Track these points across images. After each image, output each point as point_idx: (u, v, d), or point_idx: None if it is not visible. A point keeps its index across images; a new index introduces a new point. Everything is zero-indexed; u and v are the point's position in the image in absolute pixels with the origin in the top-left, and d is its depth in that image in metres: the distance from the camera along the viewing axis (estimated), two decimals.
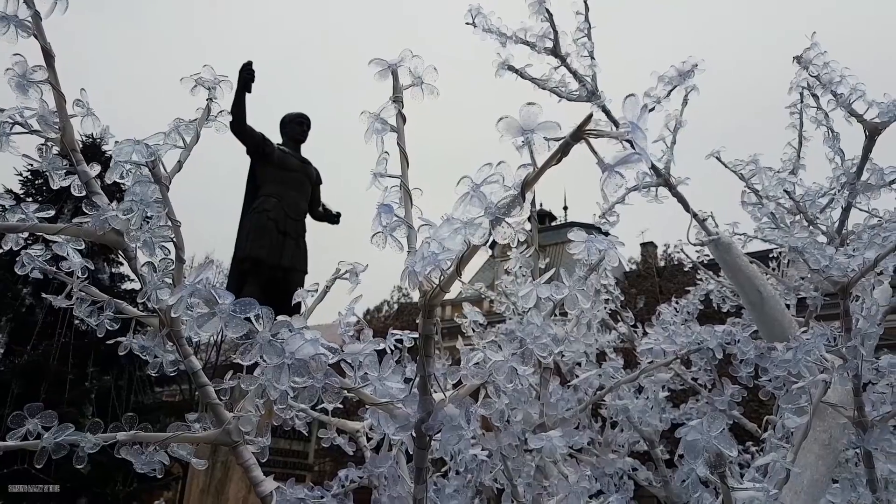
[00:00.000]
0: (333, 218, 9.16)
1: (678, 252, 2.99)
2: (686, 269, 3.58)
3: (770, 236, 2.21)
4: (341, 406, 1.97)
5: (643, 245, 25.31)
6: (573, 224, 33.26)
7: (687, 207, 2.09)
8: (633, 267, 25.26)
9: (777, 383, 1.36)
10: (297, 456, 8.49)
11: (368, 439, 1.70)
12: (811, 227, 1.87)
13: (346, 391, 0.88)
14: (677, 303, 2.62)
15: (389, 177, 0.93)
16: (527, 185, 0.72)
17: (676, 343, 1.34)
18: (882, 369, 1.72)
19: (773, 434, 1.25)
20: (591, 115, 0.69)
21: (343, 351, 0.91)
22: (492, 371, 0.98)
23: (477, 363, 0.98)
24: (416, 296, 0.92)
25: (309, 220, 9.24)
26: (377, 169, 0.92)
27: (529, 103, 0.71)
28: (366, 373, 0.93)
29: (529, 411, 1.45)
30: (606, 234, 1.82)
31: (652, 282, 21.90)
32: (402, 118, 0.92)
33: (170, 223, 1.02)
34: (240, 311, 0.73)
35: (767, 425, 2.22)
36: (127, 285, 18.42)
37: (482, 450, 1.46)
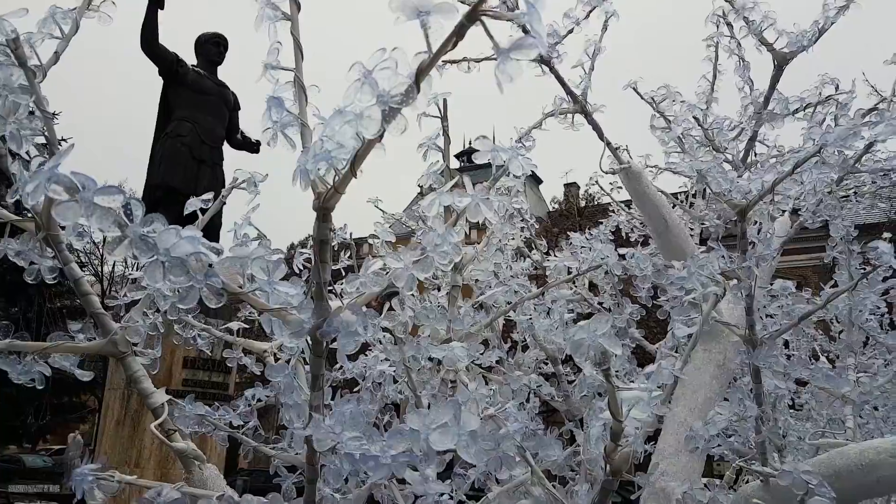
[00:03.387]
0: (253, 146, 8.82)
1: (593, 185, 3.03)
2: (605, 207, 3.64)
3: (677, 166, 2.26)
4: (248, 326, 1.93)
5: (567, 186, 25.78)
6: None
7: (601, 135, 2.10)
8: (556, 207, 25.77)
9: (674, 303, 1.41)
10: (217, 387, 8.40)
11: (277, 359, 1.67)
12: (717, 154, 1.92)
13: (231, 294, 0.84)
14: (590, 232, 2.67)
15: (282, 69, 0.87)
16: (421, 72, 0.68)
17: (579, 260, 1.35)
18: (775, 292, 1.81)
19: (664, 344, 1.30)
20: None
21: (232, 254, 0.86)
22: (392, 279, 0.96)
23: (376, 271, 0.95)
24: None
25: (227, 148, 8.91)
26: (268, 60, 0.86)
27: None
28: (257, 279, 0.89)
29: (437, 327, 1.44)
30: (534, 173, 1.81)
31: (573, 221, 22.43)
32: (296, 5, 0.86)
33: (42, 114, 0.93)
34: (103, 200, 0.67)
35: None
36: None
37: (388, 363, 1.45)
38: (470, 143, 2.17)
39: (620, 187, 2.55)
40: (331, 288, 0.95)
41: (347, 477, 1.33)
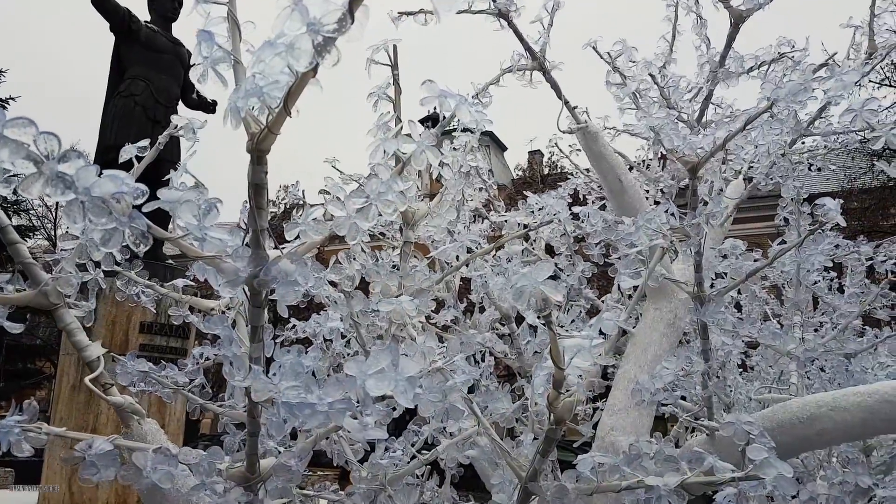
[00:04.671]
0: (209, 106, 8.59)
1: (554, 149, 3.02)
2: (568, 175, 3.63)
3: (634, 128, 2.25)
4: (194, 284, 1.88)
5: (531, 153, 25.82)
6: (465, 129, 33.17)
7: (559, 94, 2.08)
8: (520, 174, 25.83)
9: (624, 260, 1.41)
10: (175, 352, 8.29)
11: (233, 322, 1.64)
12: (671, 111, 1.92)
13: (159, 238, 0.81)
14: (548, 195, 2.67)
15: (214, 2, 0.82)
16: (355, 1, 0.65)
17: (533, 218, 1.34)
18: (726, 252, 1.83)
19: (610, 296, 1.30)
20: None
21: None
22: (333, 227, 0.93)
23: (316, 218, 0.93)
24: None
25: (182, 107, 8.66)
26: None
27: None
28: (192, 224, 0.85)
29: (388, 283, 1.42)
30: (498, 140, 1.78)
31: (536, 188, 22.53)
32: None
33: None
34: (14, 133, 0.62)
35: None
36: None
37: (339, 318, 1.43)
38: (435, 109, 2.14)
39: (580, 150, 2.55)
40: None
41: (294, 432, 1.32)
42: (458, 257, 1.33)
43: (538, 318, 0.79)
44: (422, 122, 2.09)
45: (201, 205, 0.83)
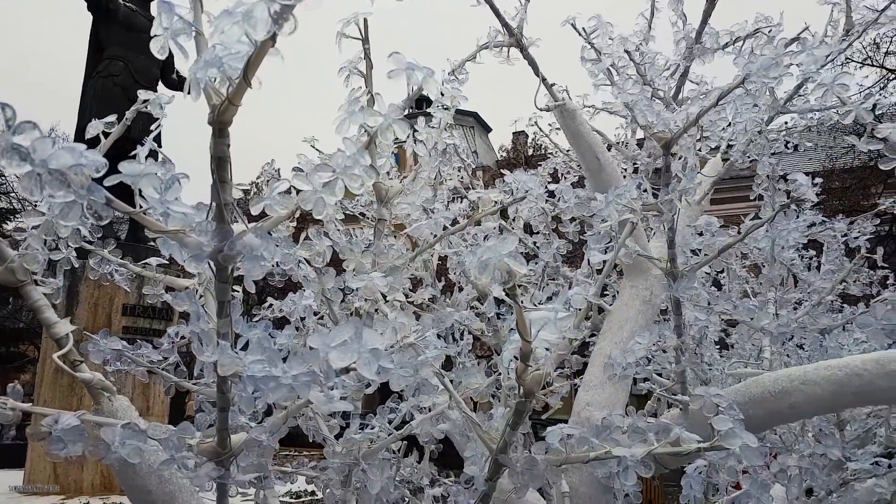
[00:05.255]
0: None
1: (533, 126, 3.01)
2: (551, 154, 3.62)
3: (612, 106, 2.25)
4: (167, 262, 1.87)
5: (515, 134, 25.77)
6: (442, 107, 32.93)
7: (536, 71, 2.07)
8: (504, 155, 25.80)
9: (595, 234, 1.41)
10: (158, 335, 8.26)
11: (201, 297, 1.63)
12: (645, 87, 1.92)
13: (119, 211, 0.80)
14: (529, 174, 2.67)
15: None
16: None
17: (504, 193, 1.34)
18: (701, 228, 1.84)
19: (581, 271, 1.31)
20: None
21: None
22: (299, 201, 0.92)
23: (282, 193, 0.92)
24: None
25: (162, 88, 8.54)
26: None
27: None
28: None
29: (361, 260, 1.42)
30: (483, 122, 1.77)
31: (521, 169, 22.52)
32: None
33: None
34: None
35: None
36: None
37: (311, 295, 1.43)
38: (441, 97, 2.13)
39: (560, 129, 2.54)
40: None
41: (270, 409, 1.32)
42: (435, 235, 1.33)
43: (504, 291, 0.79)
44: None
45: (164, 178, 0.82)
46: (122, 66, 7.92)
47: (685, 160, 1.64)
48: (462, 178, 2.53)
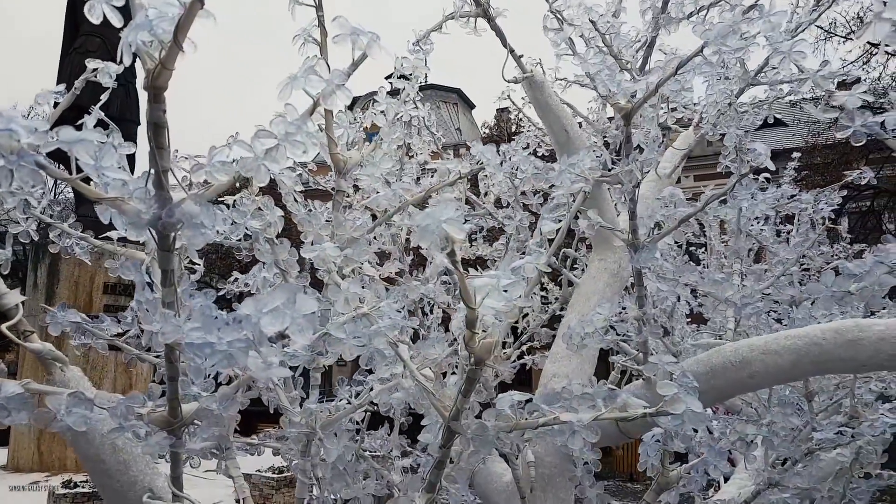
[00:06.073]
0: None
1: (505, 99, 3.00)
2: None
3: (582, 80, 2.24)
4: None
5: (499, 111, 25.66)
6: (433, 86, 32.88)
7: (504, 42, 2.05)
8: (487, 132, 25.72)
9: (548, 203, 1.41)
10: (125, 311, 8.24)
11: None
12: (613, 59, 1.91)
13: (53, 177, 0.79)
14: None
15: None
16: None
17: (465, 164, 1.34)
18: (666, 201, 1.85)
19: (534, 240, 1.31)
20: None
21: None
22: (240, 169, 0.92)
23: (223, 161, 0.91)
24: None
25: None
26: None
27: None
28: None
29: (320, 232, 1.42)
30: (467, 98, 1.75)
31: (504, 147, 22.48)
32: None
33: None
34: None
35: (565, 258, 2.37)
36: None
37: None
38: (402, 67, 2.11)
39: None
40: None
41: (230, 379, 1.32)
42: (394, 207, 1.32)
43: (444, 258, 0.79)
44: (387, 78, 2.06)
45: (99, 144, 0.81)
46: (98, 41, 7.79)
47: (647, 130, 1.64)
48: (432, 151, 2.52)
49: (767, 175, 2.35)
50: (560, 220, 1.22)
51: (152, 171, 0.85)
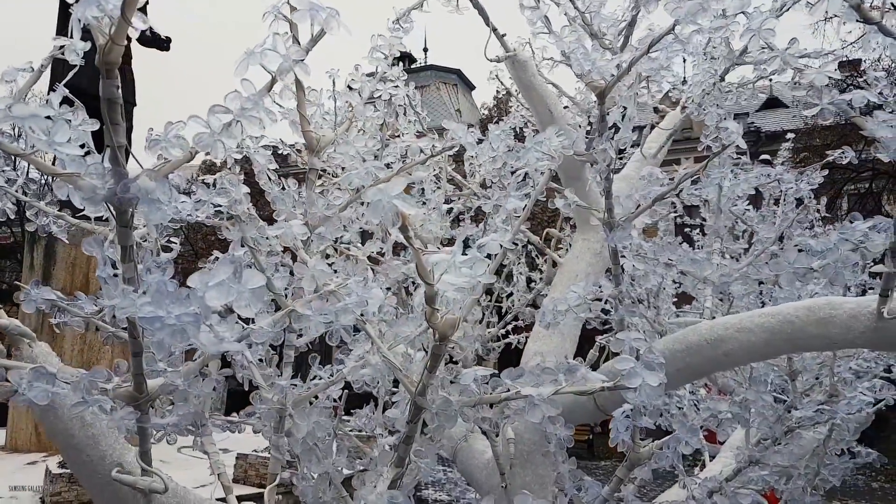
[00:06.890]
0: (162, 43, 8.31)
1: (493, 79, 2.99)
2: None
3: (567, 61, 2.23)
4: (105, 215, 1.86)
5: (498, 92, 25.48)
6: (432, 67, 32.63)
7: (487, 21, 2.04)
8: (486, 113, 25.60)
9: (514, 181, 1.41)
10: None
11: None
12: (593, 39, 1.90)
13: (6, 151, 0.79)
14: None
15: None
16: None
17: (437, 143, 1.34)
18: (645, 179, 1.85)
19: (497, 218, 1.32)
20: None
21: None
22: (196, 144, 0.92)
23: (178, 136, 0.91)
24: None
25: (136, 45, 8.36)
26: None
27: None
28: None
29: (293, 212, 1.42)
30: (466, 79, 1.75)
31: None
32: None
33: None
34: None
35: (549, 238, 2.37)
36: None
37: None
38: (379, 45, 2.09)
39: None
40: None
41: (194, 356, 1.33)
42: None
43: (397, 231, 0.80)
44: (395, 60, 2.05)
45: (52, 120, 0.82)
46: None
47: (623, 109, 1.64)
48: (417, 132, 2.52)
49: (767, 157, 2.35)
50: (527, 198, 1.23)
51: (107, 146, 0.85)
